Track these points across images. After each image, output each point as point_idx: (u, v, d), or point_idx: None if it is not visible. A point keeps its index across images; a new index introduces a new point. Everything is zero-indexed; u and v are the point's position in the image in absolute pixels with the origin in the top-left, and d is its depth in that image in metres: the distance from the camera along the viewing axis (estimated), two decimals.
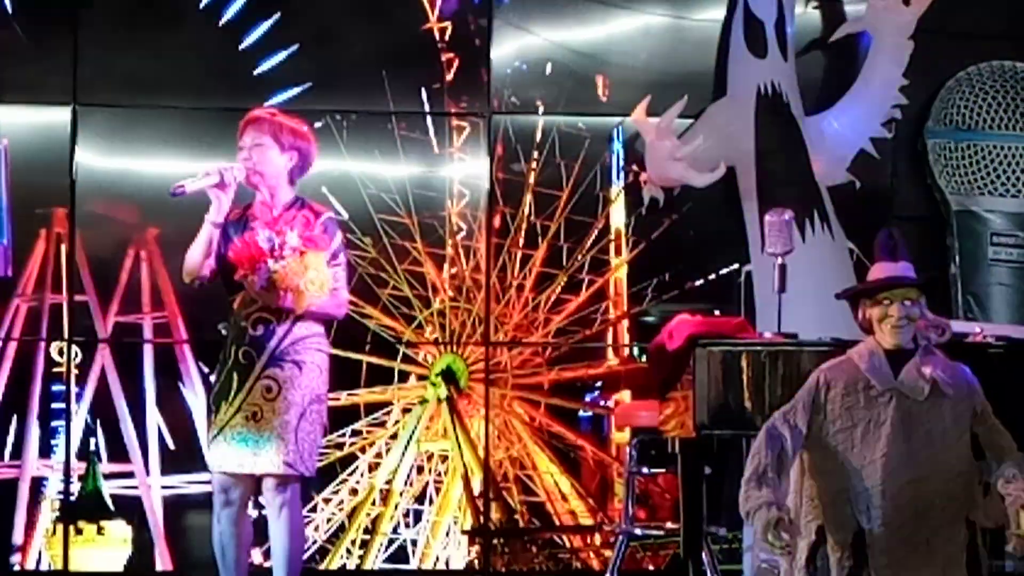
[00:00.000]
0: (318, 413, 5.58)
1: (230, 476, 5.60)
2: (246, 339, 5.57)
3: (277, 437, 5.49)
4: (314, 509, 8.53)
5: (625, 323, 8.82)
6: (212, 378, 5.72)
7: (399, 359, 8.72)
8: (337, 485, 8.59)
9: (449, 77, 8.77)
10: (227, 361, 5.60)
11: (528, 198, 8.74)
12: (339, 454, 8.61)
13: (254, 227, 5.53)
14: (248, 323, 5.57)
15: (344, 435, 8.61)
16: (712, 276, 8.72)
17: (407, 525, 8.67)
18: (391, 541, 8.66)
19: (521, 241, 8.79)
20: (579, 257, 8.79)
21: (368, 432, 8.71)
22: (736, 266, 8.50)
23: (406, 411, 8.73)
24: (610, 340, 8.91)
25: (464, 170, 8.80)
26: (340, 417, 8.61)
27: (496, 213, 8.72)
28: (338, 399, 8.55)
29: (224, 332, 5.60)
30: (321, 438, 5.62)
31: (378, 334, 8.65)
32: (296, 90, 8.63)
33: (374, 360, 8.64)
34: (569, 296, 8.78)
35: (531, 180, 8.76)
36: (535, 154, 8.78)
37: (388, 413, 8.73)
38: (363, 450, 8.68)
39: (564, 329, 8.80)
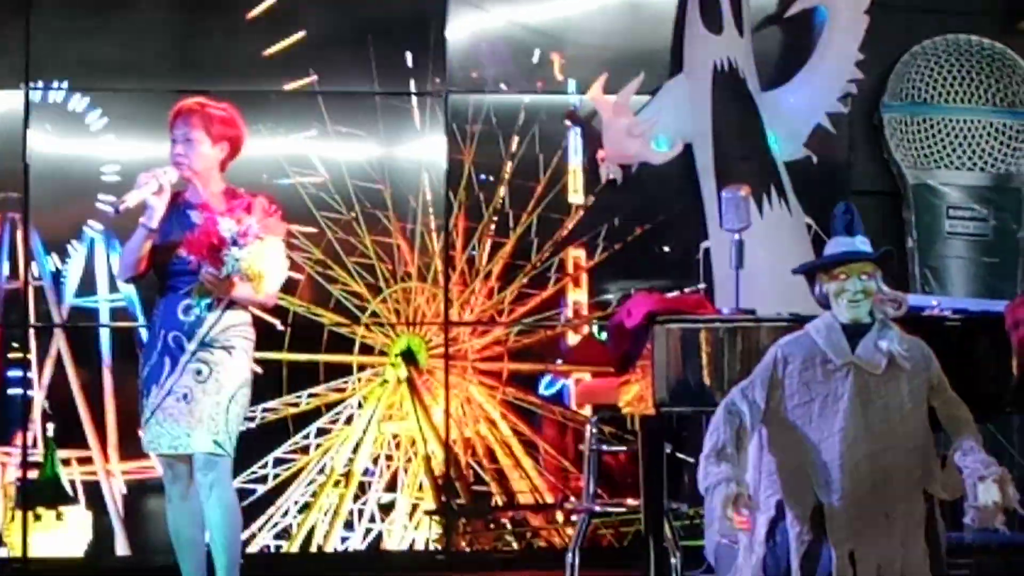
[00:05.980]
0: (245, 396, 5.73)
1: (165, 457, 5.72)
2: (175, 324, 5.64)
3: (209, 418, 5.61)
4: (265, 466, 8.49)
5: (585, 300, 8.80)
6: (141, 361, 5.78)
7: (356, 350, 8.65)
8: (291, 446, 8.55)
9: (404, 55, 8.71)
10: (156, 345, 5.70)
11: (470, 171, 8.70)
12: (293, 411, 8.55)
13: (210, 216, 5.59)
14: (179, 309, 5.65)
15: (300, 396, 8.58)
16: (668, 250, 8.72)
17: (367, 515, 8.64)
18: (351, 523, 8.63)
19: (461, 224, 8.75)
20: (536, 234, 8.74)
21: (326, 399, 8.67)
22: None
23: (363, 399, 8.68)
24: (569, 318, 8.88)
25: (420, 150, 8.75)
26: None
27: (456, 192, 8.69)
28: (298, 404, 8.54)
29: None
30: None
31: (340, 301, 8.59)
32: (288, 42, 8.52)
33: (331, 359, 8.60)
34: (534, 291, 8.74)
35: (471, 154, 8.71)
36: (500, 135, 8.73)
37: (347, 382, 8.68)
38: (319, 414, 8.60)
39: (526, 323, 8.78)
